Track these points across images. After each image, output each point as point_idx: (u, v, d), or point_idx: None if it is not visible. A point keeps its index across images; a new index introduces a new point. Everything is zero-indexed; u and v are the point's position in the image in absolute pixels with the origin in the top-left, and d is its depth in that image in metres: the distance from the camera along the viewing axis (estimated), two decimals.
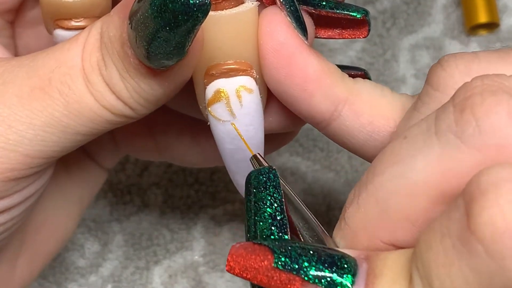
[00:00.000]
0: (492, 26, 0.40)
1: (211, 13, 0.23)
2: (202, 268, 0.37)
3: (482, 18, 0.39)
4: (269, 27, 0.24)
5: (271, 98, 0.26)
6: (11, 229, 0.26)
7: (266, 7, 0.25)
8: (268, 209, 0.21)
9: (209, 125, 0.25)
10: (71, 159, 0.31)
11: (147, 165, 0.39)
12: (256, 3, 0.24)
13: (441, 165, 0.18)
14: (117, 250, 0.37)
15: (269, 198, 0.21)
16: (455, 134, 0.18)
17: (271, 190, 0.21)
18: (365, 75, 0.27)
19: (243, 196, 0.23)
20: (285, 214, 0.21)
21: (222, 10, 0.23)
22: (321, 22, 0.26)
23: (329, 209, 0.37)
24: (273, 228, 0.20)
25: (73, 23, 0.25)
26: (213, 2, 0.23)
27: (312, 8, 0.25)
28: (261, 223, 0.20)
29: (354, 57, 0.40)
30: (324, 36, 0.26)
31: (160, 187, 0.38)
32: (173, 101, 0.26)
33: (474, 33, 0.40)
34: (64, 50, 0.24)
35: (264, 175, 0.21)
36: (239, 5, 0.24)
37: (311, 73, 0.24)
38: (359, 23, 0.26)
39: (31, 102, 0.23)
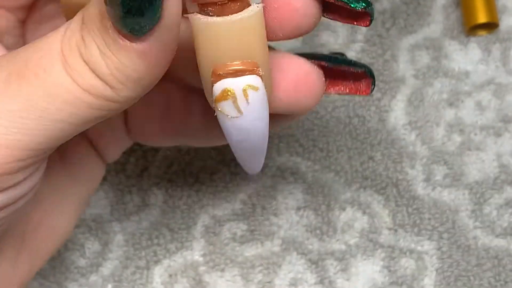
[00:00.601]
0: (491, 26, 0.40)
1: (217, 19, 0.23)
2: (202, 268, 0.37)
3: (482, 18, 0.39)
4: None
5: (277, 83, 0.26)
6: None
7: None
8: None
9: (216, 116, 0.25)
10: (70, 153, 0.31)
11: (148, 165, 0.39)
12: (261, 6, 0.24)
13: None
14: (117, 249, 0.37)
15: None
16: None
17: None
18: (365, 73, 0.27)
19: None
20: None
21: (228, 13, 0.23)
22: (329, 4, 0.26)
23: (329, 209, 0.37)
24: None
25: None
26: (219, 4, 0.23)
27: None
28: None
29: (354, 57, 0.40)
30: (330, 17, 0.27)
31: (160, 187, 0.38)
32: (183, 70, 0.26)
33: (474, 33, 0.40)
34: (44, 38, 0.23)
35: None
36: (244, 6, 0.24)
37: None
38: (361, 13, 0.26)
39: (6, 87, 0.23)
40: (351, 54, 0.40)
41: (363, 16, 0.26)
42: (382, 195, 0.38)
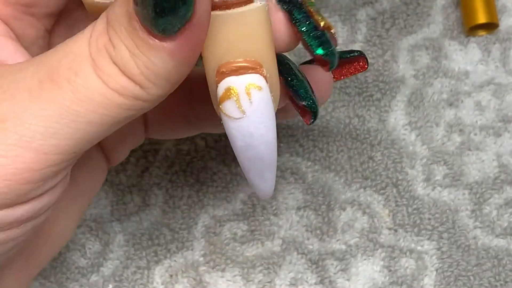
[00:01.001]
0: (491, 26, 0.40)
1: (220, 12, 0.23)
2: (202, 268, 0.37)
3: (481, 18, 0.39)
4: None
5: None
6: (22, 243, 0.25)
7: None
8: None
9: (221, 123, 0.25)
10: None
11: (148, 165, 0.39)
12: (264, 2, 0.24)
13: None
14: (118, 250, 0.37)
15: None
16: None
17: None
18: (360, 56, 0.28)
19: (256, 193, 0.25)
20: None
21: (231, 9, 0.24)
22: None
23: (329, 209, 0.38)
24: None
25: None
26: (224, 6, 0.23)
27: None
28: None
29: None
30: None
31: (161, 187, 0.38)
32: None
33: (473, 33, 0.40)
34: (71, 41, 0.23)
35: None
36: (248, 4, 0.24)
37: None
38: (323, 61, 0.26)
39: (40, 94, 0.23)
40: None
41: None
42: (382, 195, 0.38)
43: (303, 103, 0.27)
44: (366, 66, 0.29)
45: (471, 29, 0.40)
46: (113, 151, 0.33)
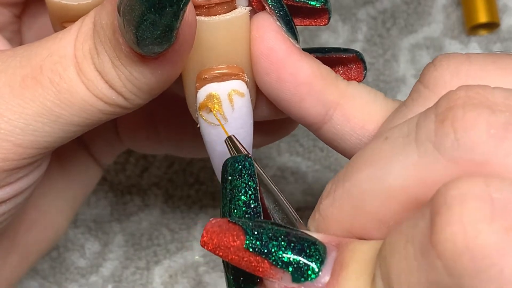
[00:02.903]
0: (492, 26, 0.40)
1: (204, 18, 0.23)
2: (202, 268, 0.37)
3: (482, 18, 0.39)
4: (258, 33, 0.24)
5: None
6: (1, 225, 0.26)
7: (257, 12, 0.25)
8: (242, 197, 0.21)
9: (198, 127, 0.25)
10: (66, 155, 0.31)
11: (147, 165, 0.39)
12: (248, 8, 0.24)
13: (417, 173, 0.18)
14: (117, 250, 0.37)
15: (244, 186, 0.21)
16: (434, 145, 0.18)
17: (246, 178, 0.21)
18: (357, 57, 0.27)
19: None
20: (259, 202, 0.21)
21: (215, 15, 0.23)
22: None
23: None
24: (247, 216, 0.21)
25: None
26: (206, 7, 0.23)
27: None
28: (235, 211, 0.21)
29: None
30: None
31: (160, 188, 0.38)
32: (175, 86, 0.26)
33: (474, 33, 0.40)
34: (57, 40, 0.23)
35: (239, 163, 0.21)
36: (231, 10, 0.24)
37: (302, 78, 0.24)
38: (320, 11, 0.26)
39: (22, 91, 0.23)
40: None
41: (322, 14, 0.26)
42: None
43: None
44: (361, 78, 0.27)
45: (472, 29, 0.40)
46: (100, 157, 0.33)
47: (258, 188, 0.21)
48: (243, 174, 0.21)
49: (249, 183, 0.21)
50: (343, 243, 0.19)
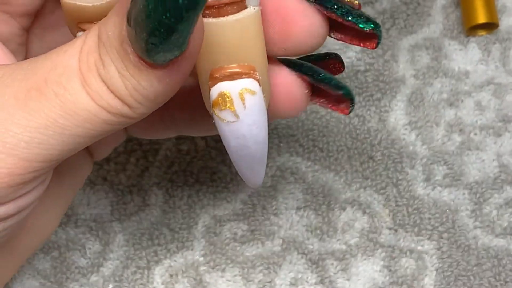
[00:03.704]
0: (491, 26, 0.40)
1: (214, 20, 0.23)
2: (203, 268, 0.37)
3: (481, 18, 0.39)
4: None
5: (274, 87, 0.26)
6: (1, 240, 0.26)
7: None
8: None
9: (214, 122, 0.25)
10: None
11: (148, 165, 0.39)
12: (258, 8, 0.24)
13: None
14: (118, 249, 0.37)
15: None
16: None
17: None
18: (343, 96, 0.27)
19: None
20: None
21: (225, 15, 0.24)
22: (337, 24, 0.26)
23: (329, 209, 0.38)
24: None
25: None
26: (216, 7, 0.23)
27: (324, 9, 0.25)
28: None
29: (353, 57, 0.40)
30: (337, 38, 0.27)
31: (161, 187, 0.38)
32: None
33: (473, 33, 0.40)
34: (61, 52, 0.24)
35: None
36: (241, 10, 0.24)
37: None
38: (369, 34, 0.26)
39: (27, 103, 0.23)
40: (351, 54, 0.40)
41: (371, 37, 0.26)
42: (382, 195, 0.38)
43: (340, 92, 0.26)
44: (347, 112, 0.28)
45: (471, 29, 0.40)
46: (96, 150, 0.33)
47: None
48: None
49: None
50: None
